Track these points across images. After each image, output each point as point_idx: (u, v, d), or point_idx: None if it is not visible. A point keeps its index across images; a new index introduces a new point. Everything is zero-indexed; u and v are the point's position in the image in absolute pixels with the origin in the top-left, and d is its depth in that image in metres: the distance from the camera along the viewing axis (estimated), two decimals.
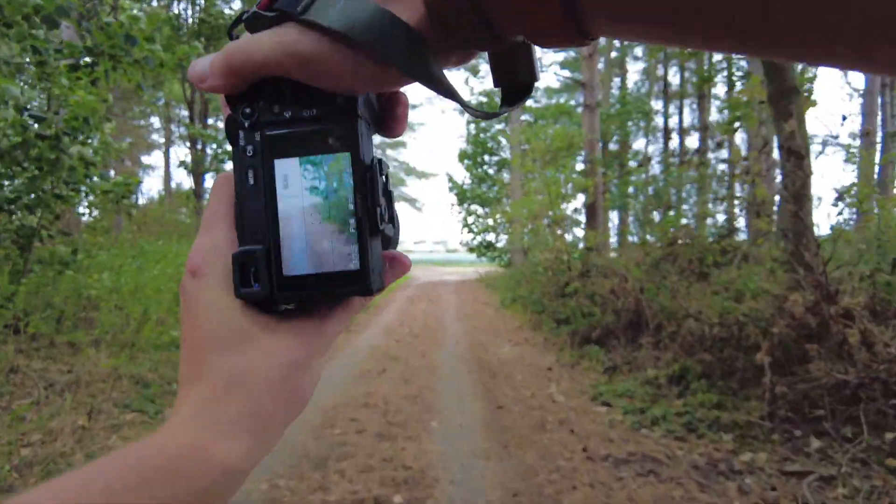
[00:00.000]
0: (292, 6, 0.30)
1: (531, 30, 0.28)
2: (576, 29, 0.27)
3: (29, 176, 5.31)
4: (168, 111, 23.37)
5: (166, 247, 8.49)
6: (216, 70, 0.32)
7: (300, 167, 0.33)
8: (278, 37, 0.31)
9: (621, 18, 0.26)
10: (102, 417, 3.52)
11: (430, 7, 0.29)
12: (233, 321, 0.33)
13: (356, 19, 0.29)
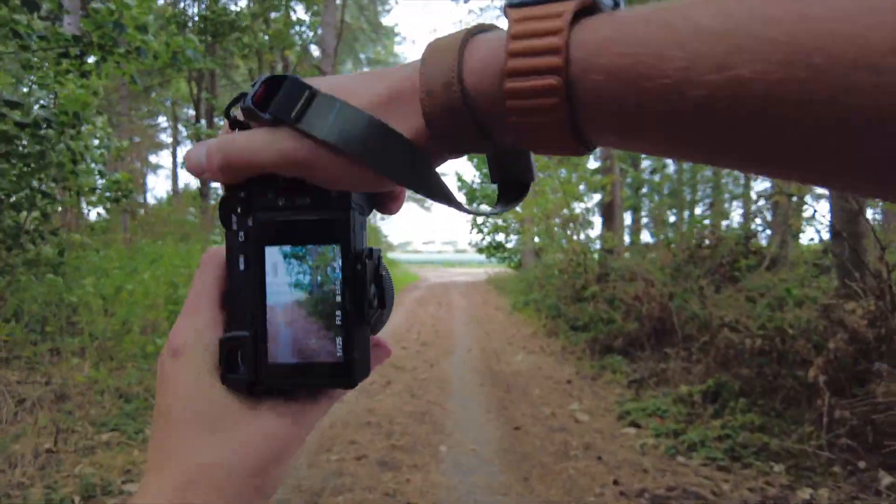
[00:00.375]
0: (286, 114, 0.31)
1: (532, 143, 0.29)
2: (578, 142, 0.27)
3: (16, 173, 4.98)
4: (175, 110, 23.19)
5: (164, 247, 8.16)
6: (214, 167, 0.33)
7: (291, 255, 0.33)
8: (275, 143, 0.31)
9: (625, 137, 0.27)
10: (74, 438, 3.17)
11: (429, 119, 0.29)
12: (211, 404, 0.33)
13: (349, 132, 0.30)
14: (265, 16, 15.55)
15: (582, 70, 0.25)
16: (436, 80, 0.29)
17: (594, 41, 0.25)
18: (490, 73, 0.28)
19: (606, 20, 0.26)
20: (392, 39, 29.72)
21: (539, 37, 0.26)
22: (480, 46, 0.29)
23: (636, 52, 0.24)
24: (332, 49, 14.01)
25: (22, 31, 4.63)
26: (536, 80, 0.26)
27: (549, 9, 0.27)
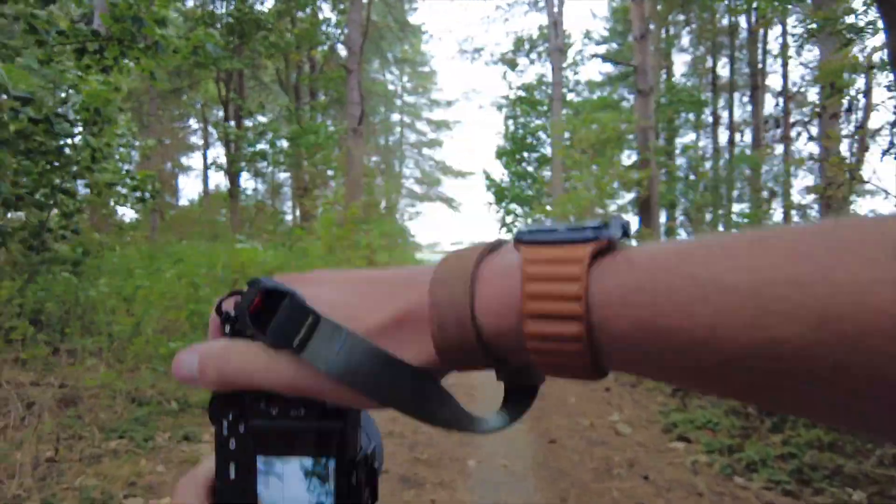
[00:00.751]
0: (288, 341, 0.30)
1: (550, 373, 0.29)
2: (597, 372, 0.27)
3: (38, 170, 4.89)
4: (205, 112, 23.44)
5: (187, 247, 8.08)
6: (207, 381, 0.32)
7: (284, 466, 0.31)
8: (276, 370, 0.30)
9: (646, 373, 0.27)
10: (81, 445, 2.99)
11: (440, 351, 0.29)
12: None
13: (355, 366, 0.29)
14: (291, 14, 15.50)
15: (604, 318, 0.25)
16: (447, 315, 0.28)
17: (616, 290, 0.25)
18: (506, 312, 0.27)
19: (625, 266, 0.26)
20: (419, 38, 29.57)
21: (557, 281, 0.26)
22: (493, 280, 0.28)
23: (661, 304, 0.24)
24: (358, 47, 13.88)
25: (40, 26, 4.52)
26: (557, 325, 0.26)
27: (565, 252, 0.27)
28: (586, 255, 0.26)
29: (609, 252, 0.27)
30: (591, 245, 0.26)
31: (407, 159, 38.22)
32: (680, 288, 0.24)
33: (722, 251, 0.24)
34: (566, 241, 0.27)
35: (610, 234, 0.27)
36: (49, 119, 4.34)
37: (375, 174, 17.97)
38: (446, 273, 0.29)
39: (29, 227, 4.97)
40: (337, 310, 0.30)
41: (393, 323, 0.30)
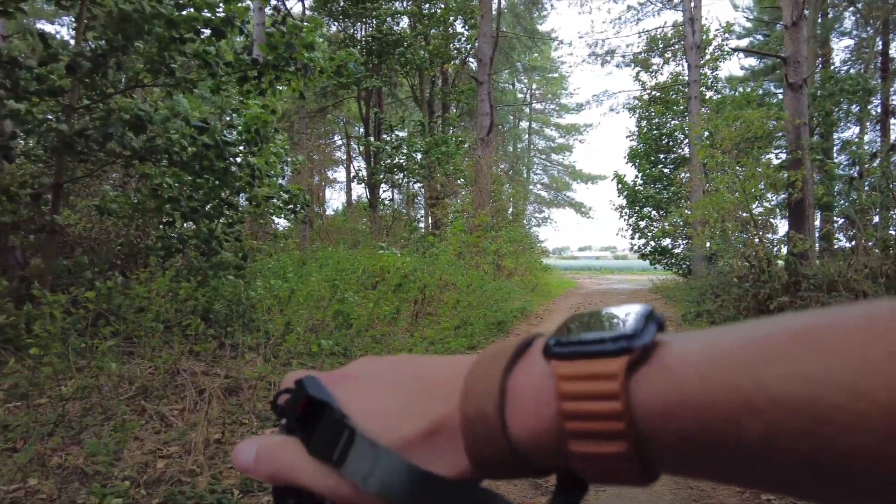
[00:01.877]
0: (328, 455, 0.31)
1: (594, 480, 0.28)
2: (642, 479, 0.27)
3: (209, 186, 5.57)
4: (348, 129, 25.15)
5: (334, 254, 8.70)
6: (261, 474, 0.33)
7: None
8: (320, 478, 0.31)
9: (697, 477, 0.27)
10: (242, 430, 3.36)
11: (475, 464, 0.29)
12: None
13: (388, 482, 0.29)
14: (426, 32, 16.16)
15: (649, 434, 0.25)
16: (479, 431, 0.29)
17: (659, 404, 0.25)
18: (543, 430, 0.27)
19: (664, 376, 0.25)
20: (549, 45, 29.36)
21: (595, 400, 0.26)
22: (525, 395, 0.28)
23: (707, 418, 0.24)
24: (488, 59, 14.12)
25: (210, 60, 5.16)
26: (602, 445, 0.26)
27: (600, 367, 0.26)
28: (622, 370, 0.26)
29: (645, 360, 0.26)
30: (625, 357, 0.26)
31: (535, 165, 38.02)
32: (725, 401, 0.23)
33: (764, 352, 0.23)
34: (599, 353, 0.27)
35: (644, 341, 0.26)
36: (219, 144, 4.91)
37: (503, 181, 18.08)
38: (476, 385, 0.29)
39: (200, 235, 5.68)
40: (372, 419, 0.31)
41: (426, 434, 0.30)
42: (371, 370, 0.35)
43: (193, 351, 4.54)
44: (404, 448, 0.30)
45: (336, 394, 0.33)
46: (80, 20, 4.84)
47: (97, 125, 4.27)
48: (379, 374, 0.34)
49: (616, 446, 0.25)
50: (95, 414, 3.16)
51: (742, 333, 0.25)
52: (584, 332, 0.28)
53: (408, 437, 0.30)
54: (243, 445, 0.34)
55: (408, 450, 0.30)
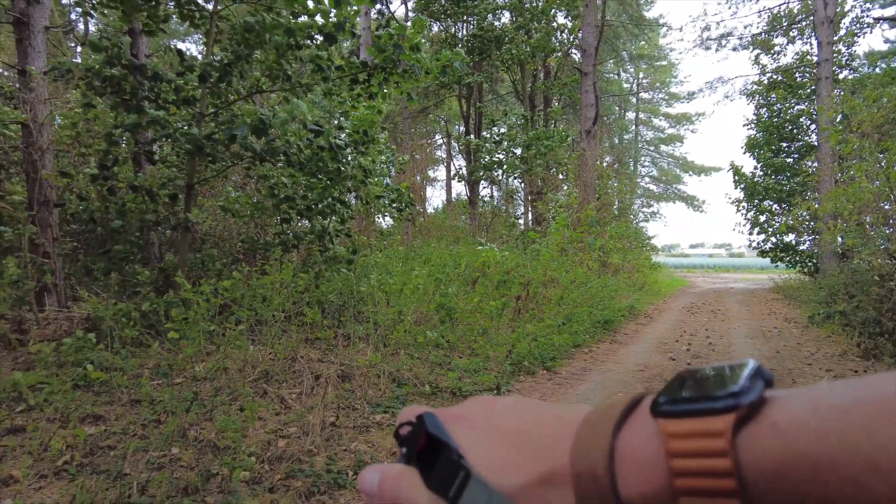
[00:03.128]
0: (444, 492, 0.33)
1: None
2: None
3: (322, 186, 5.87)
4: (448, 128, 25.50)
5: (435, 249, 8.85)
6: (383, 499, 0.35)
7: None
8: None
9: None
10: (354, 415, 3.50)
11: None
12: None
13: None
14: (527, 26, 15.99)
15: (762, 492, 0.25)
16: (589, 490, 0.29)
17: (771, 462, 0.25)
18: (652, 488, 0.28)
19: (773, 434, 0.25)
20: (656, 31, 27.99)
21: (704, 457, 0.26)
22: (634, 455, 0.29)
23: (827, 479, 0.23)
24: (592, 49, 13.71)
25: (323, 64, 5.42)
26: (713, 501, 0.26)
27: (707, 425, 0.26)
28: (729, 427, 0.26)
29: (753, 417, 0.26)
30: (732, 415, 0.26)
31: (643, 157, 36.41)
32: (845, 462, 0.23)
33: (882, 414, 0.23)
34: (706, 411, 0.27)
35: (750, 399, 0.27)
36: (332, 146, 5.15)
37: (609, 175, 17.48)
38: (586, 441, 0.30)
39: (315, 232, 6.00)
40: (485, 462, 0.33)
41: (537, 484, 0.31)
42: (485, 413, 0.36)
43: (310, 339, 4.81)
44: (515, 495, 0.31)
45: (452, 432, 0.35)
46: (210, 35, 5.27)
47: (223, 129, 4.63)
48: (492, 418, 0.35)
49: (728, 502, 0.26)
50: (224, 394, 3.43)
51: (852, 392, 0.25)
52: (692, 390, 0.29)
53: (519, 484, 0.32)
54: (367, 472, 0.37)
55: (519, 497, 0.31)
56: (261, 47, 5.03)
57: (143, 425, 3.01)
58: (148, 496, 2.41)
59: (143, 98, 4.66)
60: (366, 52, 6.47)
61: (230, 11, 5.80)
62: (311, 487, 2.58)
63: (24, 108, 5.20)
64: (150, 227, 4.98)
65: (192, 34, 19.45)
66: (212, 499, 2.44)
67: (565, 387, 4.50)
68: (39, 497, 2.42)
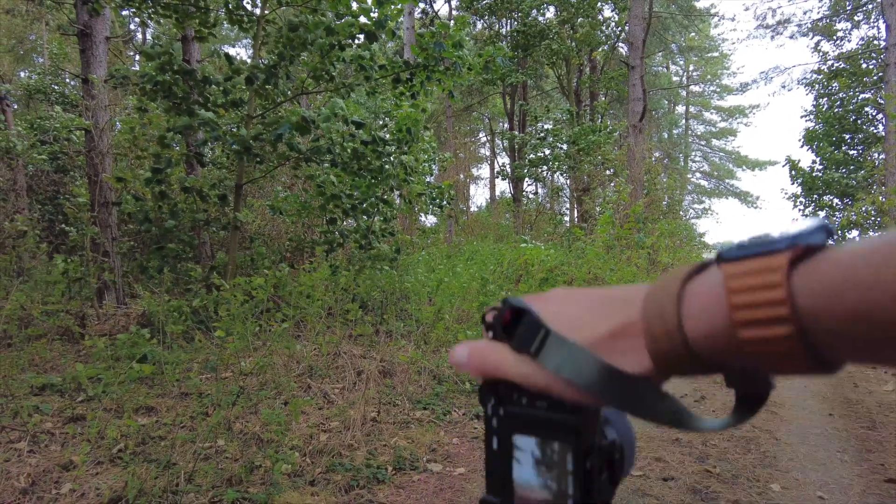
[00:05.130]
0: (527, 348, 0.37)
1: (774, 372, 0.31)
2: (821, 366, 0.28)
3: (366, 184, 5.94)
4: (492, 126, 25.40)
5: (478, 247, 8.82)
6: (473, 369, 0.40)
7: (532, 445, 0.39)
8: (520, 367, 0.37)
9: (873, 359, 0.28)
10: (394, 411, 3.53)
11: (655, 360, 0.33)
12: None
13: (578, 371, 0.34)
14: (572, 21, 15.73)
15: (814, 317, 0.27)
16: (657, 328, 0.32)
17: (821, 289, 0.27)
18: (713, 323, 0.30)
19: (828, 265, 0.27)
20: (707, 22, 27.06)
21: (760, 290, 0.28)
22: (699, 296, 0.31)
23: (871, 297, 0.25)
24: (640, 42, 13.37)
25: (365, 64, 5.47)
26: (768, 329, 0.28)
27: (764, 262, 0.29)
28: (784, 263, 0.28)
29: (808, 257, 0.28)
30: (787, 252, 0.28)
31: (693, 152, 35.29)
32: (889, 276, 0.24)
33: None
34: (764, 252, 0.29)
35: (807, 240, 0.29)
36: (376, 141, 5.20)
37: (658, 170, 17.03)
38: (657, 291, 0.33)
39: (359, 230, 6.08)
40: (565, 324, 0.36)
41: (610, 335, 0.35)
42: (562, 294, 0.40)
43: (353, 335, 4.87)
44: (592, 346, 0.35)
45: (534, 307, 0.38)
46: (257, 38, 5.41)
47: (269, 129, 4.74)
48: (569, 294, 0.39)
49: (782, 329, 0.27)
50: (269, 388, 3.52)
51: None
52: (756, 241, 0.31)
53: (595, 337, 0.35)
54: (458, 347, 0.41)
55: (595, 347, 0.35)
56: (305, 49, 5.13)
57: (191, 417, 3.12)
58: (194, 485, 2.49)
59: (194, 102, 4.83)
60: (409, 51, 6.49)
61: (276, 15, 5.94)
62: (350, 482, 2.62)
63: (87, 115, 5.48)
64: (201, 227, 5.15)
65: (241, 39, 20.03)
66: (254, 490, 2.50)
67: None
68: (95, 482, 2.53)
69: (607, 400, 0.34)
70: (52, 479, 2.59)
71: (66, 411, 3.17)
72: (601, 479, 0.38)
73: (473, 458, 2.97)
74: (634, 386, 0.33)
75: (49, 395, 3.41)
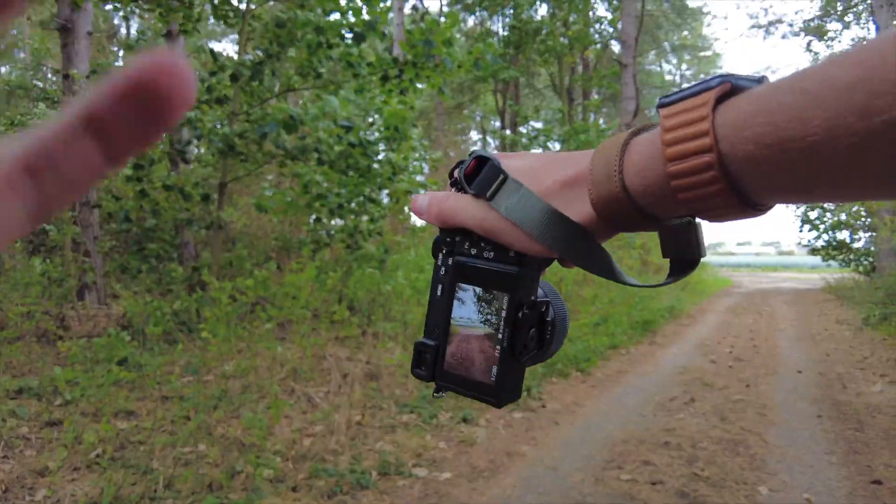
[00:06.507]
0: (483, 191, 0.39)
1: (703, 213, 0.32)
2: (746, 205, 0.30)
3: (353, 183, 5.87)
4: (484, 124, 25.34)
5: None
6: (432, 216, 0.43)
7: (473, 293, 0.42)
8: (473, 210, 0.40)
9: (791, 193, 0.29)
10: (380, 415, 3.47)
11: (595, 205, 0.35)
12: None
13: (527, 214, 0.37)
14: (565, 18, 15.70)
15: (731, 145, 0.28)
16: (600, 174, 0.34)
17: (736, 118, 0.28)
18: (649, 167, 0.32)
19: (744, 98, 0.29)
20: (700, 21, 27.15)
21: (688, 125, 0.30)
22: (639, 142, 0.34)
23: (776, 120, 0.27)
24: (632, 40, 13.36)
25: (354, 61, 5.41)
26: (693, 160, 0.29)
27: (693, 101, 0.31)
28: (711, 99, 0.29)
29: (735, 93, 0.30)
30: (715, 90, 0.30)
31: None
32: (792, 102, 0.26)
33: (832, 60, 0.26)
34: (696, 92, 0.31)
35: (736, 80, 0.30)
36: (363, 142, 5.14)
37: None
38: (607, 144, 0.35)
39: (346, 230, 6.00)
40: (522, 174, 0.39)
41: (562, 184, 0.37)
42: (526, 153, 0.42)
43: (339, 337, 4.81)
44: (543, 193, 0.37)
45: (499, 159, 0.40)
46: (243, 34, 5.33)
47: (254, 127, 4.66)
48: (533, 153, 0.41)
49: (704, 158, 0.29)
50: (252, 392, 3.45)
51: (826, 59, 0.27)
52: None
53: (545, 187, 0.37)
54: (420, 196, 0.44)
55: (546, 195, 0.37)
56: (292, 45, 5.05)
57: (172, 421, 3.05)
58: (173, 491, 2.43)
59: None
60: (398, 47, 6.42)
61: (263, 10, 5.86)
62: (333, 487, 2.56)
63: None
64: (183, 226, 5.07)
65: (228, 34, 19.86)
66: (235, 496, 2.44)
67: (600, 389, 4.37)
68: (71, 489, 2.46)
69: (548, 243, 0.36)
70: (27, 485, 2.52)
71: (42, 416, 3.10)
72: (530, 332, 0.40)
73: (460, 462, 2.92)
74: (575, 233, 0.36)
75: (26, 399, 3.33)
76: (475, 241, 0.42)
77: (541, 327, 0.42)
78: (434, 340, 0.43)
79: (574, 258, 0.36)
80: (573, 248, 0.36)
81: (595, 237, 0.37)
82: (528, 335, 0.40)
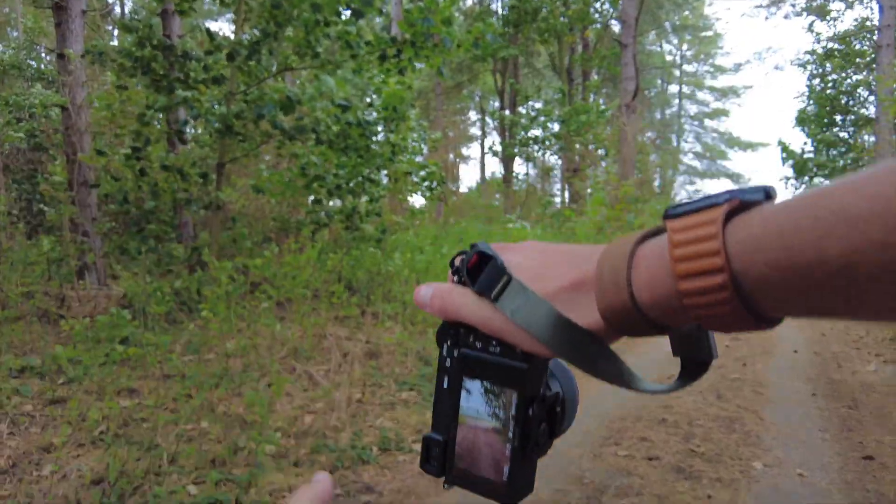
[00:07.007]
0: (488, 292, 0.38)
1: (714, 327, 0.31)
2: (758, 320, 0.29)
3: (352, 164, 5.85)
4: (483, 104, 25.16)
5: (466, 229, 8.78)
6: (434, 309, 0.42)
7: (480, 388, 0.40)
8: (479, 310, 0.39)
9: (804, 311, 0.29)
10: (380, 392, 3.51)
11: (603, 314, 0.34)
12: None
13: (533, 318, 0.36)
14: None
15: (743, 264, 0.28)
16: (608, 283, 0.33)
17: (748, 238, 0.28)
18: (658, 278, 0.31)
19: (756, 216, 0.29)
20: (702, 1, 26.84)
21: (698, 242, 0.30)
22: (647, 254, 0.33)
23: (791, 244, 0.27)
24: (633, 20, 13.22)
25: (352, 40, 5.35)
26: (704, 279, 0.29)
27: (702, 217, 0.30)
28: (720, 216, 0.29)
29: (743, 210, 0.29)
30: (724, 206, 0.30)
31: (686, 133, 35.27)
32: (808, 229, 0.26)
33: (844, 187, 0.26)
34: (703, 207, 0.30)
35: (743, 196, 0.30)
36: (361, 122, 5.11)
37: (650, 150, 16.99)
38: (613, 249, 0.34)
39: (345, 210, 6.00)
40: (527, 274, 0.38)
41: (568, 288, 0.36)
42: (529, 245, 0.41)
43: (339, 317, 4.84)
44: (549, 296, 0.36)
45: (500, 256, 0.39)
46: (239, 13, 5.27)
47: (252, 107, 4.64)
48: (536, 246, 0.40)
49: (716, 279, 0.28)
50: (253, 370, 3.49)
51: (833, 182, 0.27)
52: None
53: (552, 288, 0.36)
54: (423, 287, 0.42)
55: (551, 298, 0.36)
56: (289, 24, 5.00)
57: (174, 399, 3.08)
58: (177, 466, 2.47)
59: (174, 79, 4.70)
60: (397, 26, 6.36)
61: None
62: (335, 463, 2.60)
63: (64, 92, 5.33)
64: (182, 207, 5.06)
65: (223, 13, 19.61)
66: (238, 471, 2.48)
67: None
68: (77, 464, 2.50)
69: (555, 349, 0.35)
70: (33, 460, 2.56)
71: (46, 394, 3.13)
72: (541, 428, 0.40)
73: None
74: (583, 338, 0.35)
75: (29, 378, 3.36)
76: (480, 334, 0.40)
77: (552, 420, 0.41)
78: (442, 435, 0.42)
79: (581, 364, 0.36)
80: (580, 353, 0.35)
81: (602, 342, 0.36)
82: (539, 430, 0.40)
